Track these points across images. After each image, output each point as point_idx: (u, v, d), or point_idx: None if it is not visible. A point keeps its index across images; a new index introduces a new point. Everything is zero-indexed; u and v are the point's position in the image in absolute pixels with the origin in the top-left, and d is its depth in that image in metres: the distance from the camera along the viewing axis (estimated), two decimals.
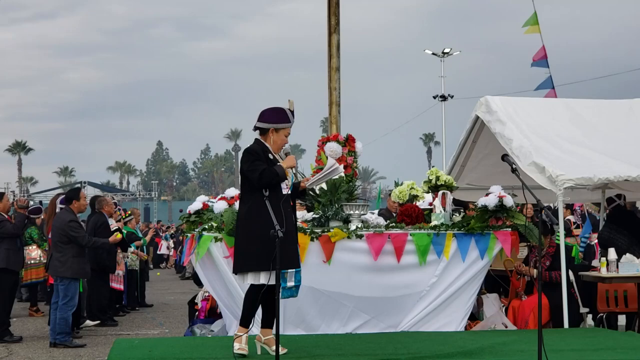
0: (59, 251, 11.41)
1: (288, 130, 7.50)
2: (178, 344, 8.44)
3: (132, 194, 72.33)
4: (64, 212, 11.68)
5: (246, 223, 7.28)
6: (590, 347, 7.99)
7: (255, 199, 7.25)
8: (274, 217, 7.02)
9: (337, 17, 10.74)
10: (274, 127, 7.44)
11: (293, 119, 7.53)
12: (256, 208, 7.22)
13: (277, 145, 7.48)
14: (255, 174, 7.20)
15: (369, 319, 9.11)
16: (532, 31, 16.88)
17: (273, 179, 7.21)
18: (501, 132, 10.44)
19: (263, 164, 7.25)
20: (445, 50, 53.39)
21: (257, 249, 7.13)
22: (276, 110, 7.52)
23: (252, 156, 7.32)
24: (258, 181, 7.19)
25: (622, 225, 11.40)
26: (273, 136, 7.46)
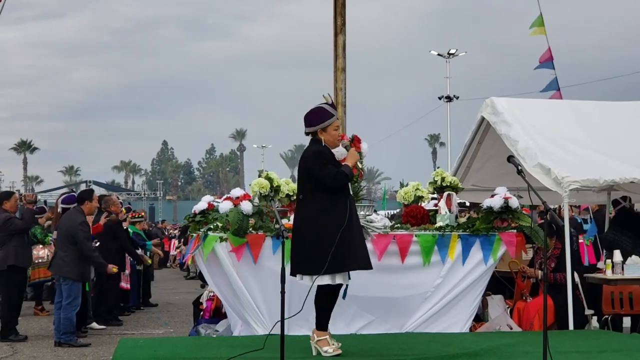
0: (64, 251, 11.42)
1: (336, 124, 7.54)
2: (183, 344, 8.44)
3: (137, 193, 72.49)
4: (75, 213, 11.66)
5: (317, 224, 7.28)
6: (595, 349, 7.97)
7: (323, 199, 7.33)
8: (343, 216, 7.20)
9: (343, 17, 10.74)
10: (321, 128, 7.49)
11: (334, 110, 7.59)
12: (326, 209, 7.29)
13: (331, 142, 7.53)
14: (328, 177, 7.27)
15: (374, 319, 9.11)
16: (538, 33, 16.85)
17: (345, 180, 7.34)
18: (507, 134, 10.43)
19: (333, 167, 7.35)
20: (450, 51, 53.39)
21: (335, 249, 7.13)
22: (315, 111, 7.55)
23: (322, 159, 7.39)
24: (332, 184, 7.27)
25: (627, 227, 11.39)
26: (324, 136, 7.50)
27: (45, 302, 16.08)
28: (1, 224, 12.35)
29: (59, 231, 11.73)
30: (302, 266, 7.33)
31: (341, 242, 7.14)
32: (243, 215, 8.94)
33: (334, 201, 7.30)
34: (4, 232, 12.37)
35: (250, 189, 9.74)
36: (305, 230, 7.34)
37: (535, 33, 16.86)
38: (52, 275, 13.01)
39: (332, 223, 7.21)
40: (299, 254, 7.32)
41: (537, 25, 16.82)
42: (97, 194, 13.33)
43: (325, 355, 7.34)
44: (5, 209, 12.49)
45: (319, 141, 7.50)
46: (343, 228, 7.14)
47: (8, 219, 12.36)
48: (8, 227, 12.31)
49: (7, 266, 12.26)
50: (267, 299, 8.87)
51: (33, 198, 14.77)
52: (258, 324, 8.97)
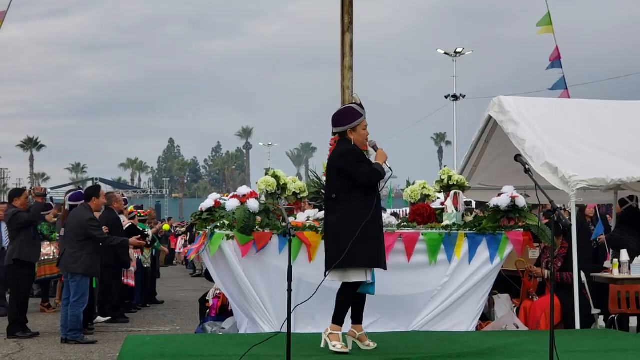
0: (73, 247, 11.43)
1: (364, 124, 7.68)
2: (189, 341, 8.46)
3: (143, 191, 72.52)
4: (82, 209, 11.70)
5: (349, 222, 7.38)
6: (602, 348, 7.97)
7: (355, 197, 7.46)
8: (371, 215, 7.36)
9: (350, 15, 10.74)
10: (350, 127, 7.61)
11: (363, 110, 7.70)
12: (359, 207, 7.40)
13: (359, 141, 7.67)
14: (362, 176, 7.41)
15: (380, 317, 9.10)
16: (545, 31, 16.80)
17: (378, 178, 7.49)
18: (514, 133, 10.41)
19: (365, 165, 7.48)
20: (457, 49, 53.34)
21: (365, 246, 7.32)
22: (344, 112, 7.74)
23: (355, 157, 7.53)
24: (366, 182, 7.43)
25: (633, 227, 11.36)
26: (353, 136, 7.62)
27: (51, 299, 16.08)
28: (9, 218, 12.43)
29: (66, 228, 11.74)
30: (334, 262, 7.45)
31: (369, 238, 7.34)
32: (250, 213, 8.94)
33: (365, 199, 7.45)
34: (12, 226, 12.44)
35: (257, 186, 9.75)
36: (338, 229, 7.47)
37: (542, 32, 16.80)
38: (59, 272, 13.01)
39: (362, 220, 7.35)
40: (332, 252, 7.47)
41: (545, 24, 16.75)
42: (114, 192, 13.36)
43: (333, 349, 7.42)
44: (15, 205, 12.53)
45: (348, 141, 7.62)
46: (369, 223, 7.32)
47: (15, 213, 12.39)
48: (15, 220, 12.36)
49: (13, 260, 12.27)
50: (273, 296, 8.87)
51: (42, 191, 14.76)
52: (264, 322, 8.97)
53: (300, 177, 31.41)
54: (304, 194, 10.14)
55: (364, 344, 7.68)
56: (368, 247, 7.37)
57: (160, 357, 7.20)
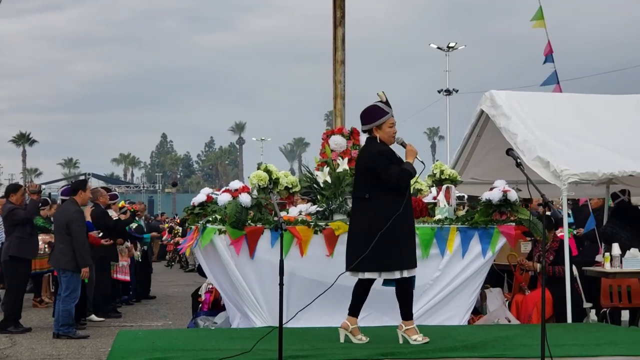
0: (62, 242, 11.43)
1: (391, 121, 7.71)
2: (181, 336, 8.44)
3: (136, 186, 72.43)
4: (69, 204, 11.71)
5: (382, 221, 7.42)
6: (593, 342, 7.97)
7: (390, 199, 7.49)
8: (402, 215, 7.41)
9: (342, 10, 10.72)
10: (375, 126, 7.66)
11: (389, 108, 7.74)
12: (392, 209, 7.42)
13: (386, 139, 7.69)
14: (393, 178, 7.45)
15: (372, 312, 9.09)
16: (539, 25, 16.82)
17: (409, 178, 7.57)
18: (506, 127, 10.42)
19: (396, 166, 7.51)
20: (450, 44, 53.38)
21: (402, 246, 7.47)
22: (370, 109, 7.77)
23: (386, 158, 7.57)
24: (397, 183, 7.47)
25: (625, 221, 11.39)
26: (379, 133, 7.67)
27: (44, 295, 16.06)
28: (5, 214, 12.43)
29: (55, 223, 11.74)
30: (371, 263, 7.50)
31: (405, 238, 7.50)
32: (242, 208, 8.93)
33: (394, 200, 7.48)
34: (8, 222, 12.43)
35: (249, 181, 9.74)
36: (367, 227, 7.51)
37: (537, 26, 16.82)
38: (51, 267, 13.00)
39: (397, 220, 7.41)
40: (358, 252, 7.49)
41: (538, 18, 16.77)
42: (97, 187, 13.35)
43: (415, 343, 7.54)
44: (11, 201, 12.52)
45: (375, 139, 7.67)
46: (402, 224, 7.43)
47: (12, 209, 12.38)
48: (12, 217, 12.34)
49: (9, 256, 12.27)
50: (265, 291, 8.87)
51: (37, 188, 14.72)
52: (257, 316, 8.97)
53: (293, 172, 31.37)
54: (296, 189, 10.15)
55: (355, 338, 7.70)
56: (405, 248, 7.50)
57: (152, 352, 7.17)
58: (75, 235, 11.38)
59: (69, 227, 11.38)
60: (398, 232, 7.45)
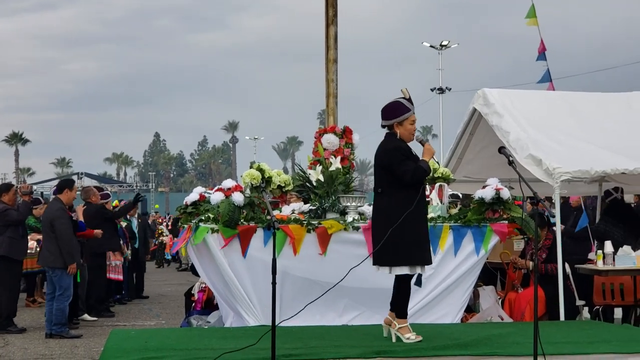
0: (48, 241, 11.43)
1: (412, 118, 7.74)
2: (174, 335, 8.44)
3: (129, 185, 72.29)
4: (53, 202, 11.79)
5: (391, 216, 7.47)
6: (586, 339, 7.98)
7: (404, 195, 7.52)
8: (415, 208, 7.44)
9: (334, 8, 10.70)
10: (397, 122, 7.69)
11: (411, 105, 7.76)
12: (405, 204, 7.45)
13: (406, 135, 7.71)
14: (407, 174, 7.49)
15: (365, 310, 9.11)
16: (532, 24, 16.82)
17: (423, 175, 7.61)
18: (498, 125, 10.43)
19: (410, 162, 7.55)
20: (443, 42, 53.37)
21: (413, 243, 7.51)
22: (392, 105, 7.79)
23: (401, 154, 7.59)
24: (411, 180, 7.51)
25: (617, 219, 11.41)
26: (399, 129, 7.69)
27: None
28: None
29: (42, 222, 11.74)
30: (381, 258, 7.61)
31: (416, 235, 7.51)
32: (234, 207, 8.92)
33: (408, 196, 7.51)
34: (0, 222, 12.37)
35: (242, 180, 9.73)
36: (381, 223, 7.60)
37: (530, 24, 16.83)
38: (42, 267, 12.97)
39: (409, 217, 7.44)
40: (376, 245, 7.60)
41: (530, 16, 16.77)
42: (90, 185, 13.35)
43: (408, 341, 7.54)
44: (3, 201, 12.48)
45: (394, 135, 7.70)
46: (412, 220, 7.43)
47: (5, 210, 12.34)
48: (4, 218, 12.30)
49: (1, 257, 12.23)
50: (258, 290, 8.86)
51: (28, 189, 14.70)
52: (250, 315, 8.97)
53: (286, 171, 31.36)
54: (289, 187, 10.13)
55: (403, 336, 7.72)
56: (408, 244, 7.50)
57: (145, 351, 7.16)
58: (60, 232, 11.37)
59: (53, 225, 11.38)
60: (409, 229, 7.48)
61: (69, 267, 11.44)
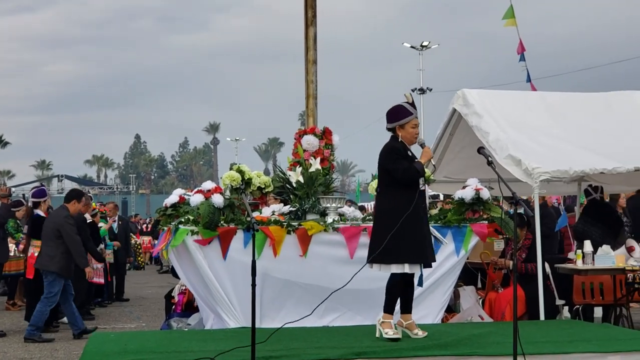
0: (49, 245, 11.35)
1: (413, 122, 7.89)
2: (154, 338, 8.40)
3: (109, 187, 72.04)
4: (60, 209, 11.68)
5: (393, 217, 7.61)
6: (566, 339, 8.00)
7: (400, 194, 7.68)
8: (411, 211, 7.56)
9: (313, 9, 10.69)
10: (398, 125, 7.85)
11: (414, 109, 7.91)
12: (400, 203, 7.61)
13: (407, 139, 7.88)
14: (398, 172, 7.66)
15: (346, 311, 9.11)
16: (510, 24, 16.88)
17: (415, 175, 7.67)
18: (478, 125, 10.45)
19: (405, 162, 7.69)
20: (423, 43, 53.45)
21: (405, 242, 7.58)
22: (395, 109, 7.94)
23: (395, 154, 7.76)
24: (401, 178, 7.64)
25: (595, 218, 11.45)
26: (401, 132, 7.86)
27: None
28: None
29: (45, 227, 11.64)
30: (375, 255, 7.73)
31: (407, 234, 7.57)
32: (214, 208, 8.89)
33: (405, 196, 7.64)
34: None
35: (222, 181, 9.71)
36: (379, 222, 7.81)
37: (508, 24, 16.89)
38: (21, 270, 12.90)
39: (400, 216, 7.56)
40: (372, 244, 7.80)
41: (508, 17, 16.84)
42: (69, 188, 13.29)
43: (386, 336, 7.70)
44: None
45: (396, 138, 7.87)
46: (408, 220, 7.54)
47: None
48: None
49: None
50: (238, 292, 8.83)
51: (7, 192, 14.63)
52: (230, 317, 8.94)
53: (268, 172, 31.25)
54: (269, 189, 10.11)
55: (412, 333, 7.86)
56: (405, 243, 7.59)
57: (124, 354, 7.14)
58: (68, 238, 11.32)
59: (60, 232, 11.30)
60: (407, 229, 7.57)
61: (86, 271, 11.60)
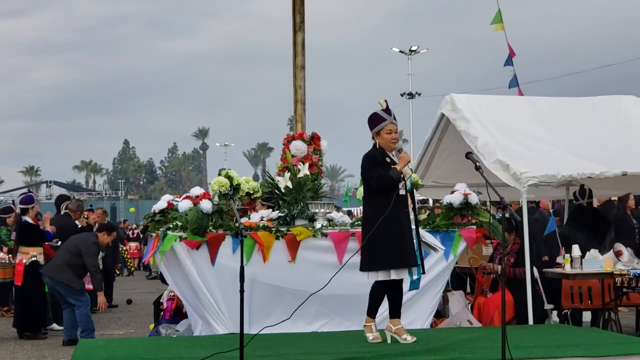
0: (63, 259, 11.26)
1: (388, 128, 7.95)
2: (142, 344, 8.37)
3: (98, 193, 71.88)
4: (91, 235, 11.69)
5: (369, 224, 7.74)
6: (555, 343, 8.02)
7: (377, 201, 7.74)
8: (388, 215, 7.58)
9: (302, 15, 10.70)
10: (375, 132, 7.97)
11: (388, 115, 7.98)
12: (378, 210, 7.67)
13: (385, 144, 7.94)
14: (372, 180, 7.74)
15: (335, 317, 9.11)
16: (499, 29, 16.91)
17: (389, 183, 7.68)
18: (466, 130, 10.46)
19: (380, 169, 7.73)
20: (412, 47, 53.45)
21: (385, 248, 7.64)
22: (371, 117, 8.04)
23: (370, 161, 7.85)
24: (376, 186, 7.70)
25: (581, 223, 11.47)
26: (378, 139, 7.96)
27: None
28: None
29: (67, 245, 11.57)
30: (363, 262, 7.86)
31: (390, 241, 7.64)
32: (202, 214, 8.88)
33: (383, 202, 7.68)
34: None
35: (210, 187, 9.70)
36: (362, 229, 7.94)
37: (497, 29, 16.92)
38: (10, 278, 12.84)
39: (383, 224, 7.63)
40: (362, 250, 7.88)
41: (497, 21, 16.86)
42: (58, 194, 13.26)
43: (371, 341, 7.85)
44: None
45: (374, 145, 7.98)
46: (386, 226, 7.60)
47: None
48: None
49: None
50: (227, 298, 8.82)
51: None
52: (219, 323, 8.92)
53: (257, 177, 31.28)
54: (258, 194, 10.11)
55: (401, 338, 7.86)
56: (385, 250, 7.66)
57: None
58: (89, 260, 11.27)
59: (80, 256, 11.23)
60: (384, 235, 7.61)
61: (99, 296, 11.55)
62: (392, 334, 7.92)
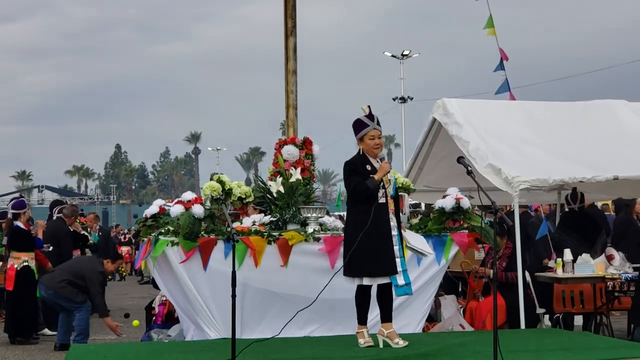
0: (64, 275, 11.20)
1: (371, 134, 7.95)
2: (134, 349, 8.36)
3: (90, 197, 71.74)
4: (98, 262, 11.60)
5: (351, 231, 7.79)
6: (547, 347, 8.02)
7: (356, 208, 7.81)
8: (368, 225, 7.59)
9: (293, 20, 10.70)
10: (358, 138, 7.99)
11: (371, 121, 7.96)
12: (357, 217, 7.74)
13: (368, 150, 7.95)
14: (349, 188, 7.81)
15: (326, 322, 9.09)
16: (491, 34, 16.94)
17: (365, 192, 7.70)
18: (458, 135, 10.48)
19: (357, 177, 7.75)
20: (404, 52, 53.50)
21: (360, 255, 7.65)
22: (354, 123, 8.04)
23: (349, 168, 7.89)
24: (351, 194, 7.80)
25: (571, 228, 11.49)
26: (362, 145, 7.98)
27: None
28: None
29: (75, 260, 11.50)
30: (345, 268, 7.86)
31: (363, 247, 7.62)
32: (194, 219, 8.87)
33: (361, 210, 7.72)
34: None
35: (202, 192, 9.69)
36: (345, 236, 8.00)
37: (489, 34, 16.95)
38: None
39: (359, 231, 7.65)
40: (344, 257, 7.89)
41: (488, 26, 16.89)
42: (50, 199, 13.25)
43: (363, 346, 7.84)
44: None
45: (358, 151, 8.00)
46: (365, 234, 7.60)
47: None
48: None
49: None
50: (219, 303, 8.80)
51: None
52: (211, 328, 8.90)
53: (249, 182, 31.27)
54: (250, 199, 10.10)
55: (393, 342, 7.85)
56: (361, 257, 7.66)
57: None
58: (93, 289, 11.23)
59: (84, 279, 11.17)
60: (361, 242, 7.61)
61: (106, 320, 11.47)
62: (384, 338, 7.91)
